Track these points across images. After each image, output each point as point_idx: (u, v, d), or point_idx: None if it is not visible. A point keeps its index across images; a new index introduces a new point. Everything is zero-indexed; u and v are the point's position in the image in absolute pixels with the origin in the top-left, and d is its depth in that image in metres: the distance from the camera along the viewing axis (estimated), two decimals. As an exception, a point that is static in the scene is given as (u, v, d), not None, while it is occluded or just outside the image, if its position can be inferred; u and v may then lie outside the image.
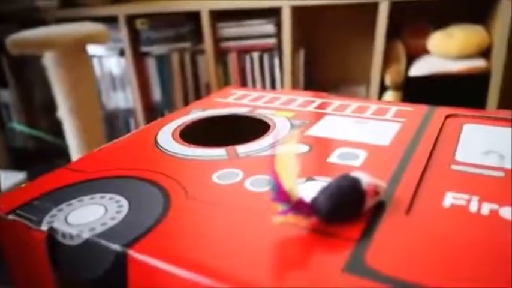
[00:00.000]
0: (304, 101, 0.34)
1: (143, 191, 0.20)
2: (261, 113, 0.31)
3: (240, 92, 0.37)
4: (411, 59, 0.84)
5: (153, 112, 1.28)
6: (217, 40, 1.09)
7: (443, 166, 0.20)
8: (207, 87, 1.19)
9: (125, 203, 0.19)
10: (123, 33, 1.16)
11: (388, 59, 0.84)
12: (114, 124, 1.34)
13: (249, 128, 0.31)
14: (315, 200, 0.16)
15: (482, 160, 0.21)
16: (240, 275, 0.14)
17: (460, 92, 0.78)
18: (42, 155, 1.33)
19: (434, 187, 0.18)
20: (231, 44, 1.09)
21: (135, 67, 1.20)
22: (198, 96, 1.21)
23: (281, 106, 0.33)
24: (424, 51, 0.83)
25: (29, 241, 0.18)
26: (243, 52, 1.09)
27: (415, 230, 0.15)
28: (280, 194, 0.15)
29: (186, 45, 1.16)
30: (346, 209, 0.16)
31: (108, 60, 1.26)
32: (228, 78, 1.13)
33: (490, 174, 0.19)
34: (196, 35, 1.14)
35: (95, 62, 1.26)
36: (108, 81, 1.29)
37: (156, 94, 1.25)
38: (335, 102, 0.33)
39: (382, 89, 0.88)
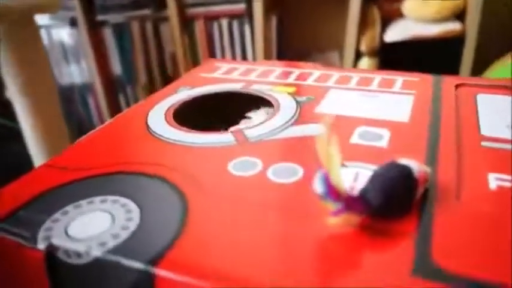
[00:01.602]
0: (300, 73, 0.31)
1: (151, 191, 0.17)
2: (257, 89, 0.28)
3: (226, 65, 0.34)
4: (386, 23, 0.83)
5: (114, 86, 1.19)
6: (181, 6, 1.01)
7: (474, 143, 0.19)
8: (172, 58, 1.12)
9: (133, 207, 0.16)
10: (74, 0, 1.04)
11: (362, 24, 0.83)
12: (71, 100, 1.24)
13: (246, 107, 0.29)
14: (363, 192, 0.14)
15: (509, 134, 0.20)
16: (296, 289, 0.12)
17: (435, 56, 0.78)
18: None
19: (473, 168, 0.17)
20: (197, 10, 1.02)
21: (90, 38, 1.09)
22: (163, 69, 1.14)
23: (277, 80, 0.30)
24: (399, 15, 0.82)
25: (21, 263, 0.15)
26: (211, 19, 1.02)
27: (472, 217, 0.14)
28: (331, 191, 0.13)
29: (147, 12, 1.07)
30: (399, 200, 0.14)
31: (58, 30, 1.14)
32: (195, 48, 1.07)
33: (520, 149, 0.19)
34: (158, 1, 1.06)
35: (42, 33, 1.14)
36: (59, 53, 1.18)
37: (116, 67, 1.16)
38: (335, 73, 0.31)
39: (357, 55, 0.87)
